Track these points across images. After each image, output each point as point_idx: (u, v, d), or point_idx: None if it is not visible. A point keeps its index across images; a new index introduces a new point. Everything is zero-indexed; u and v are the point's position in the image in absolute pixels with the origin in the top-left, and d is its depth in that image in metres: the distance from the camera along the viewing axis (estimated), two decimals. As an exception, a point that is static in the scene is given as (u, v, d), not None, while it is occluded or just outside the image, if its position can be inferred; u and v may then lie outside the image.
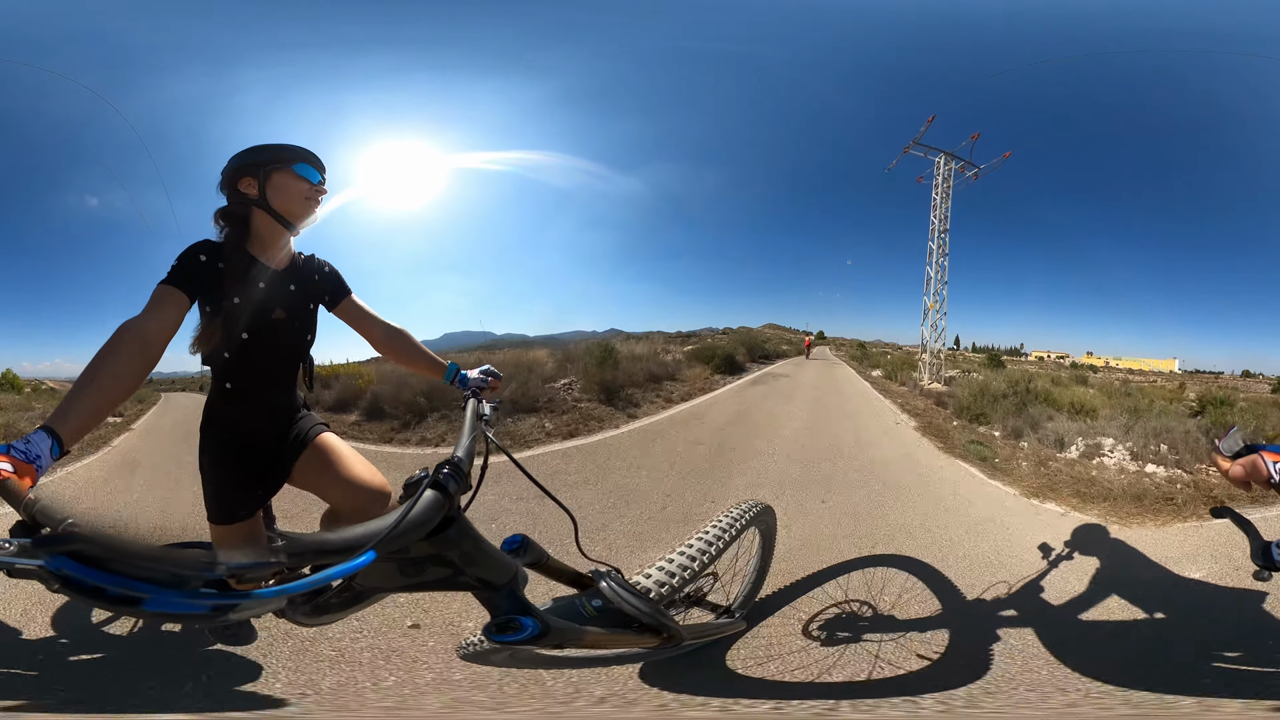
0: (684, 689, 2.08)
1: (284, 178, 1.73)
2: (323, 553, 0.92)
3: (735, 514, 2.13)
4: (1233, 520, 1.45)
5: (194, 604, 0.80)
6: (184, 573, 0.81)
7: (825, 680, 2.18)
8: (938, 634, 2.48)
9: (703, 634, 2.07)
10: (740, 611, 2.40)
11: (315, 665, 2.19)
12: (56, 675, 2.19)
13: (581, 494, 4.42)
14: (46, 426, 1.15)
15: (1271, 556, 1.29)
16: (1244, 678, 2.18)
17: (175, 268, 1.59)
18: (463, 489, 1.14)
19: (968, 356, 16.61)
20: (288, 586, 0.86)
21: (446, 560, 1.11)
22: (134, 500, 4.88)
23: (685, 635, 1.65)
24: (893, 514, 4.05)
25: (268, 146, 1.76)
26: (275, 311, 1.78)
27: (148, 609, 0.80)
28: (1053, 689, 2.12)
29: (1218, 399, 9.04)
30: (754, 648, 2.36)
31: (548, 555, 1.38)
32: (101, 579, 0.78)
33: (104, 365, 1.32)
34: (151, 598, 0.79)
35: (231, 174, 1.74)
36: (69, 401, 1.24)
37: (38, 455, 1.08)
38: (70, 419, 1.20)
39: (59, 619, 2.52)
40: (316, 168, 1.79)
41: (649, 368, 10.07)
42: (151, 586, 0.79)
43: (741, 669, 2.24)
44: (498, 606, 1.17)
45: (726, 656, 2.29)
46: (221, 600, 0.81)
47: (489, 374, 1.90)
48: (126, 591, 0.78)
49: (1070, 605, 2.77)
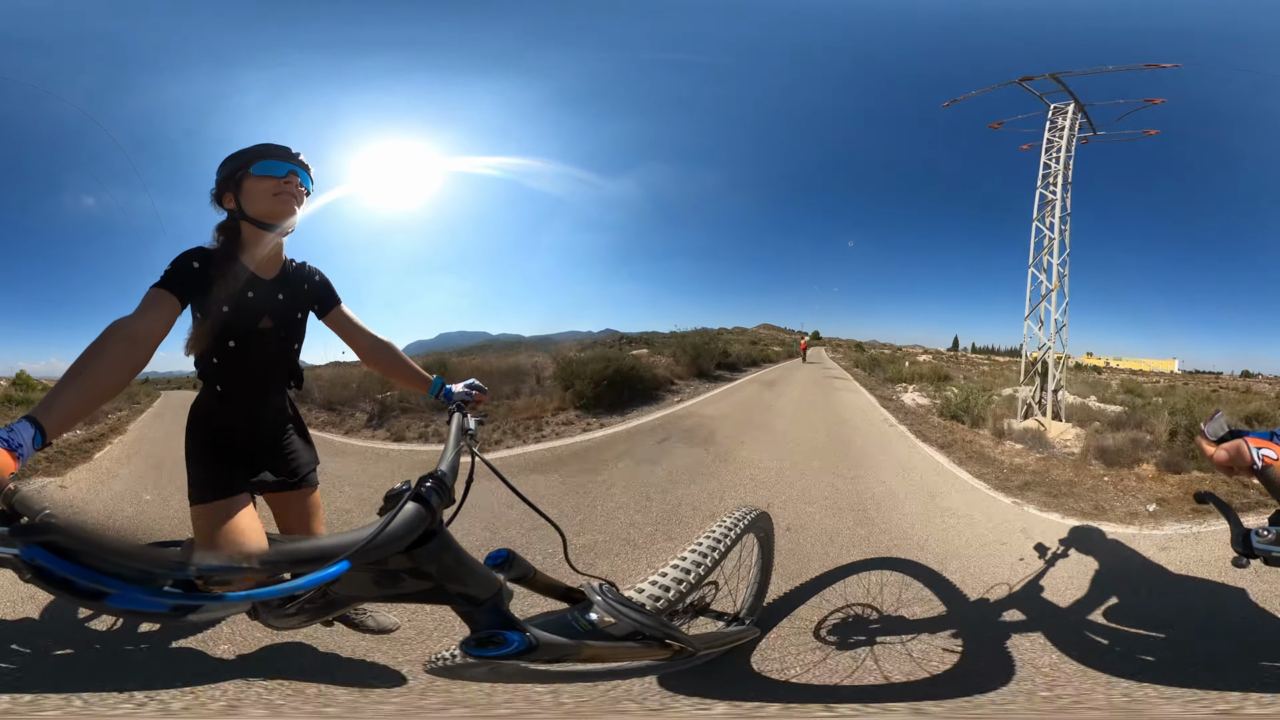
0: (709, 695, 2.07)
1: (250, 183, 1.71)
2: (297, 561, 0.90)
3: (729, 522, 2.11)
4: (1215, 506, 1.46)
5: (157, 602, 0.78)
6: (153, 570, 0.80)
7: (851, 684, 2.19)
8: (948, 634, 2.49)
9: (716, 643, 2.05)
10: (750, 618, 2.40)
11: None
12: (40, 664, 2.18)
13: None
14: (31, 416, 1.13)
15: (1251, 544, 1.29)
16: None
17: (168, 273, 1.60)
18: (445, 503, 1.13)
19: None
20: (256, 592, 0.84)
21: (425, 573, 1.09)
22: (121, 496, 4.91)
23: (698, 645, 1.63)
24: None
25: (233, 156, 1.73)
26: (263, 320, 1.80)
27: (111, 604, 0.79)
28: (1066, 684, 2.12)
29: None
30: (770, 653, 2.36)
31: (535, 570, 1.37)
32: (72, 571, 0.77)
33: (92, 362, 1.30)
34: (116, 593, 0.78)
35: (217, 192, 1.75)
36: (55, 394, 1.22)
37: (19, 444, 1.06)
38: (55, 411, 1.18)
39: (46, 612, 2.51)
40: (281, 158, 1.72)
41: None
42: (118, 582, 0.78)
43: (765, 673, 2.24)
44: (478, 621, 1.15)
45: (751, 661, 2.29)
46: (184, 601, 0.79)
47: (474, 388, 1.89)
48: (94, 586, 0.78)
49: (1075, 604, 2.78)
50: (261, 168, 1.71)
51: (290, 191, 1.72)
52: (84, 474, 5.80)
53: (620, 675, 2.08)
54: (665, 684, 2.10)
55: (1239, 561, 1.34)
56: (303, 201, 1.79)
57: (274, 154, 1.72)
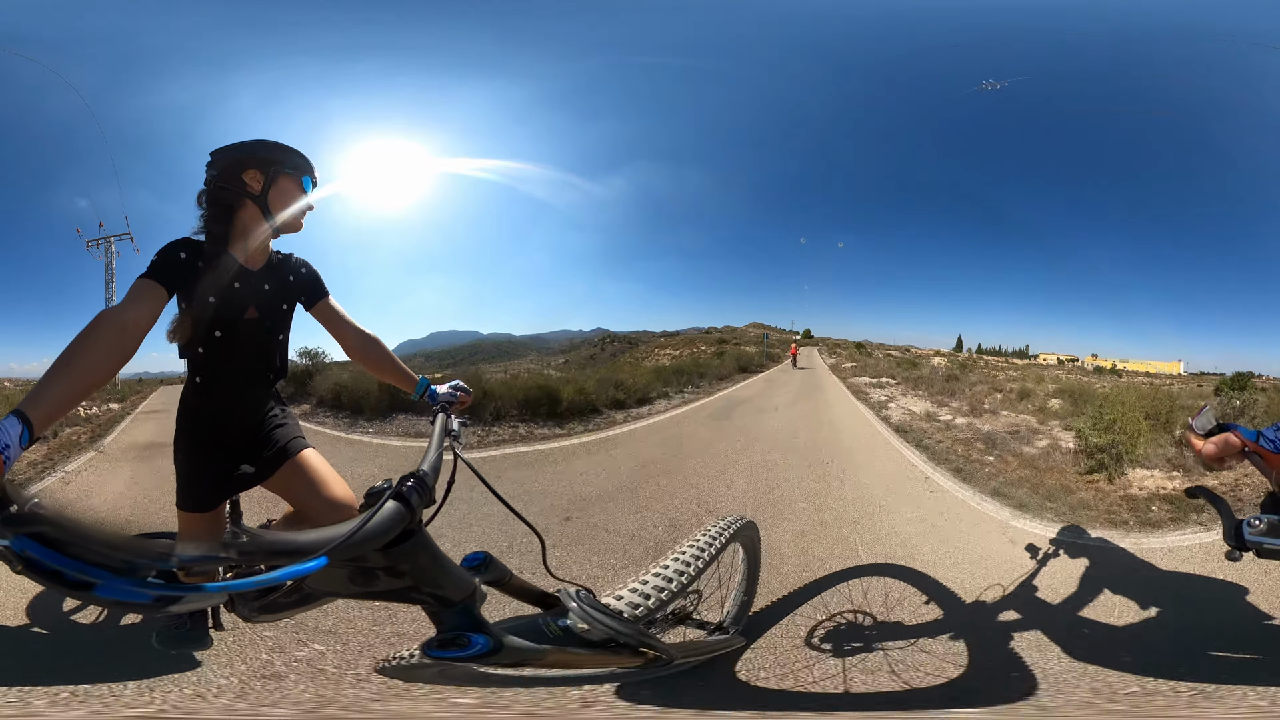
0: (684, 705, 2.06)
1: (291, 184, 1.78)
2: (275, 553, 0.93)
3: (714, 531, 2.09)
4: (1207, 500, 1.45)
5: (140, 593, 0.81)
6: (138, 561, 0.83)
7: (845, 691, 2.16)
8: (948, 640, 2.47)
9: (695, 651, 2.04)
10: (734, 627, 2.37)
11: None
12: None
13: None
14: (18, 411, 1.12)
15: (1243, 536, 1.29)
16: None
17: (155, 262, 1.61)
18: (426, 503, 1.14)
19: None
20: (234, 584, 0.87)
21: (401, 572, 1.11)
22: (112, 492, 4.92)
23: (675, 654, 1.63)
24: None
25: (281, 146, 1.78)
26: (248, 311, 1.81)
27: (98, 594, 0.81)
28: (1070, 685, 2.11)
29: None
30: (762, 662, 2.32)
31: (510, 573, 1.38)
32: (61, 563, 0.80)
33: (80, 352, 1.30)
34: (102, 584, 0.81)
35: (236, 161, 1.74)
36: (42, 386, 1.21)
37: (6, 444, 1.06)
38: (42, 405, 1.17)
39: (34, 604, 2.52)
40: (316, 183, 1.86)
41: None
42: (104, 573, 0.81)
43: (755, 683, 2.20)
44: (445, 622, 1.16)
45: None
46: (166, 591, 0.82)
47: (458, 389, 1.91)
48: (81, 576, 0.80)
49: (1067, 601, 2.77)
50: (309, 184, 1.84)
51: (308, 210, 1.85)
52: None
53: (587, 681, 2.09)
54: (624, 693, 2.08)
55: (1232, 555, 1.35)
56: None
57: (313, 172, 1.85)
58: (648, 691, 2.10)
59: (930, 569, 3.10)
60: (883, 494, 4.62)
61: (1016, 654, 2.36)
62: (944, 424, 7.48)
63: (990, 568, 3.16)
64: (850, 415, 8.40)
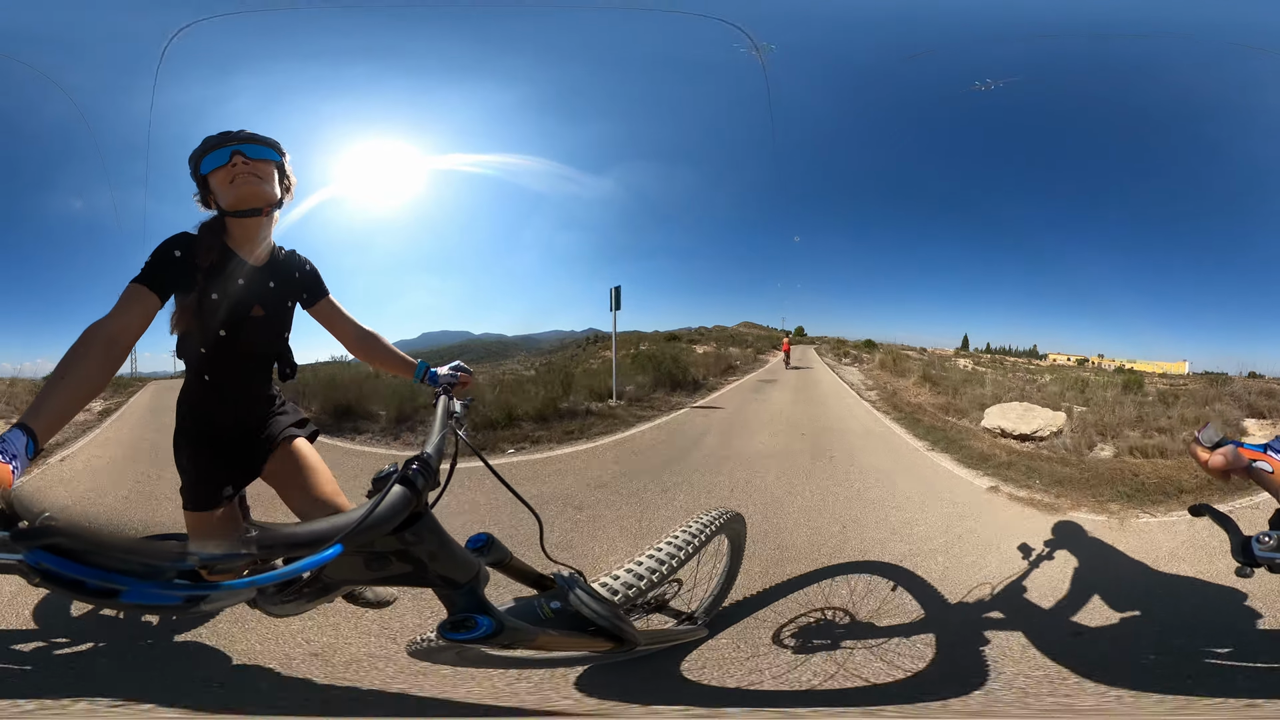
0: (635, 697, 2.05)
1: (210, 182, 1.72)
2: (292, 545, 0.95)
3: (705, 520, 2.12)
4: (1212, 517, 1.39)
5: (169, 595, 0.83)
6: (158, 564, 0.84)
7: (796, 688, 2.13)
8: (918, 637, 2.42)
9: (660, 640, 2.06)
10: (704, 619, 2.38)
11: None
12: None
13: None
14: (22, 424, 1.14)
15: (1253, 552, 1.23)
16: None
17: (148, 265, 1.58)
18: (430, 485, 1.16)
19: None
20: (259, 578, 0.89)
21: (411, 556, 1.14)
22: (110, 492, 4.86)
23: (640, 640, 1.66)
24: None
25: (190, 157, 1.74)
26: (254, 309, 1.79)
27: (125, 600, 0.82)
28: (1047, 692, 2.08)
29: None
30: (719, 655, 2.31)
31: (510, 555, 1.41)
32: (80, 572, 0.81)
33: (73, 366, 1.34)
34: (128, 589, 0.82)
35: (200, 198, 1.77)
36: (42, 399, 1.25)
37: (14, 455, 1.07)
38: (43, 416, 1.20)
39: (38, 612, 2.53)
40: (218, 146, 1.69)
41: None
42: (128, 578, 0.82)
43: (706, 678, 2.20)
44: (455, 604, 1.20)
45: (683, 664, 2.23)
46: (194, 591, 0.84)
47: (459, 369, 1.89)
48: (104, 584, 0.81)
49: (1057, 606, 2.70)
50: (208, 164, 1.70)
51: (243, 171, 1.68)
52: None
53: (558, 664, 2.09)
54: (582, 686, 2.04)
55: (1242, 571, 1.29)
56: (270, 172, 1.75)
57: (212, 145, 1.70)
58: (601, 680, 2.11)
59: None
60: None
61: (986, 657, 2.31)
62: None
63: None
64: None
